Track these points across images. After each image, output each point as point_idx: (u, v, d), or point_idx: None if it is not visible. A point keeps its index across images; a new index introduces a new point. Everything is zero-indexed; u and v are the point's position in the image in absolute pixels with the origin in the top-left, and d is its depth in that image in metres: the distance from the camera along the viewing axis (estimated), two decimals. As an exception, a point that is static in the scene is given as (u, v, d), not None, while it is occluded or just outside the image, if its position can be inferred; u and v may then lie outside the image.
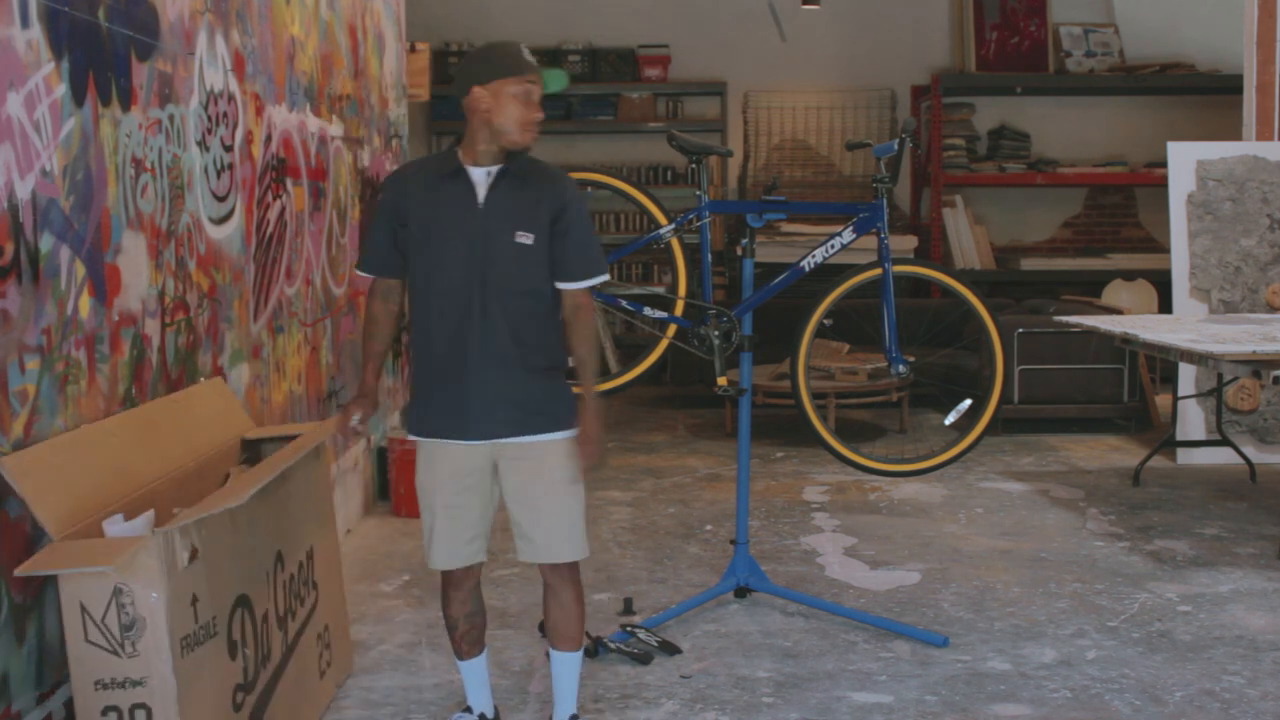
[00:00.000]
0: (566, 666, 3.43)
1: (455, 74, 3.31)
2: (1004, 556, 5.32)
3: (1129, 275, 9.88)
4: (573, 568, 3.39)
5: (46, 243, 2.95)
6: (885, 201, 4.39)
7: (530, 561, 3.38)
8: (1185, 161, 7.18)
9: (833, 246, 4.44)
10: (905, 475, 4.68)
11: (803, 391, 4.47)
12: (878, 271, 4.40)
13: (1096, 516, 5.98)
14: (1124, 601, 4.71)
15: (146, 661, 2.70)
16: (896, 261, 4.42)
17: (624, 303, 4.36)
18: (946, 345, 8.27)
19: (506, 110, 3.18)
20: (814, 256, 4.45)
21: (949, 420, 4.45)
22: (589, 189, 4.45)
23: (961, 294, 4.50)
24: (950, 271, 4.76)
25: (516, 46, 3.27)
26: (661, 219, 4.34)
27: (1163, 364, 8.52)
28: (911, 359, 4.52)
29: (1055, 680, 3.96)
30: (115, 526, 2.89)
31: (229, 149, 4.20)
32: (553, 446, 3.30)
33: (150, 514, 3.00)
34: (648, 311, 4.34)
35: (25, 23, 2.88)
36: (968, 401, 4.49)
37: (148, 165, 3.52)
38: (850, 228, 4.45)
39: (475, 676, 3.53)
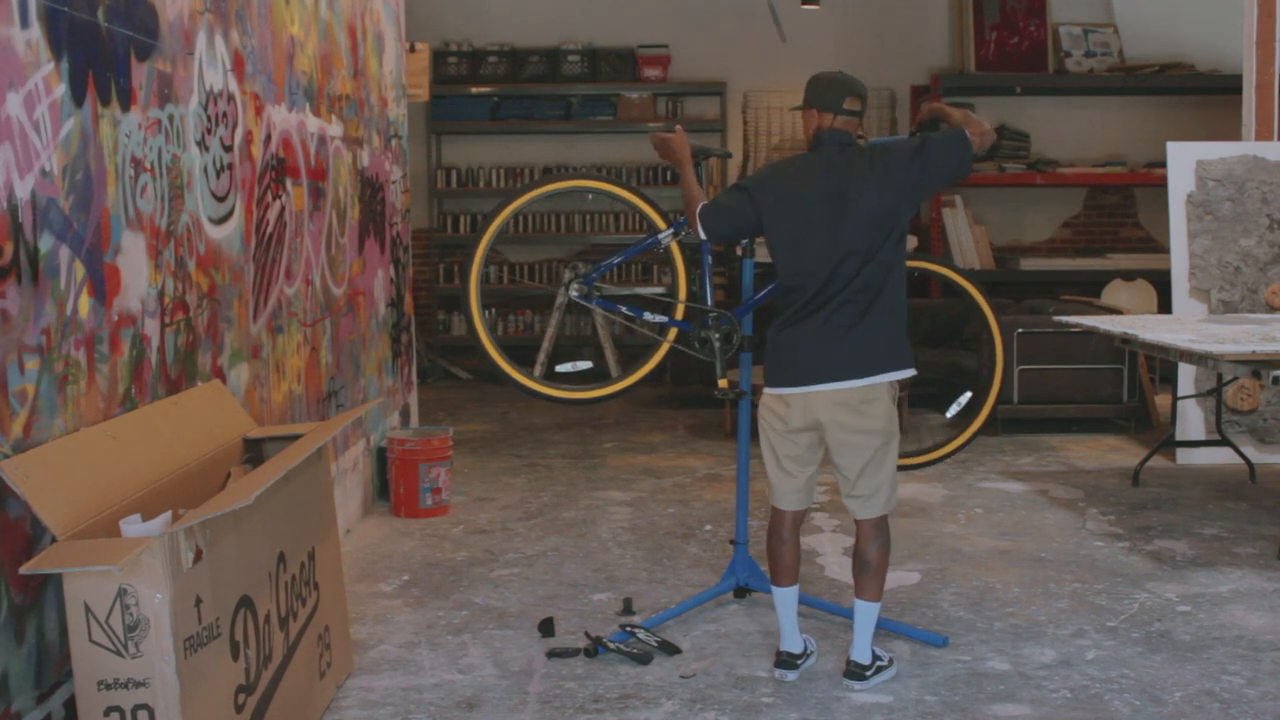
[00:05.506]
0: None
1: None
2: (1003, 556, 5.32)
3: (1128, 275, 9.88)
4: None
5: (46, 243, 2.95)
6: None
7: None
8: (1185, 161, 7.18)
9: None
10: (901, 470, 4.68)
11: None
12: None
13: (1096, 516, 5.98)
14: (1123, 601, 4.71)
15: (150, 662, 2.70)
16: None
17: (624, 309, 4.35)
18: (946, 344, 8.27)
19: None
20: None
21: (950, 413, 4.47)
22: (589, 196, 4.46)
23: (961, 285, 4.51)
24: (949, 263, 4.77)
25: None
26: (660, 224, 4.34)
27: (1162, 364, 8.52)
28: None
29: (1055, 680, 3.96)
30: (133, 527, 2.89)
31: (228, 149, 4.20)
32: None
33: (167, 515, 3.00)
34: (648, 316, 4.34)
35: (25, 23, 2.88)
36: (968, 394, 4.52)
37: (147, 165, 3.52)
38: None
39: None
